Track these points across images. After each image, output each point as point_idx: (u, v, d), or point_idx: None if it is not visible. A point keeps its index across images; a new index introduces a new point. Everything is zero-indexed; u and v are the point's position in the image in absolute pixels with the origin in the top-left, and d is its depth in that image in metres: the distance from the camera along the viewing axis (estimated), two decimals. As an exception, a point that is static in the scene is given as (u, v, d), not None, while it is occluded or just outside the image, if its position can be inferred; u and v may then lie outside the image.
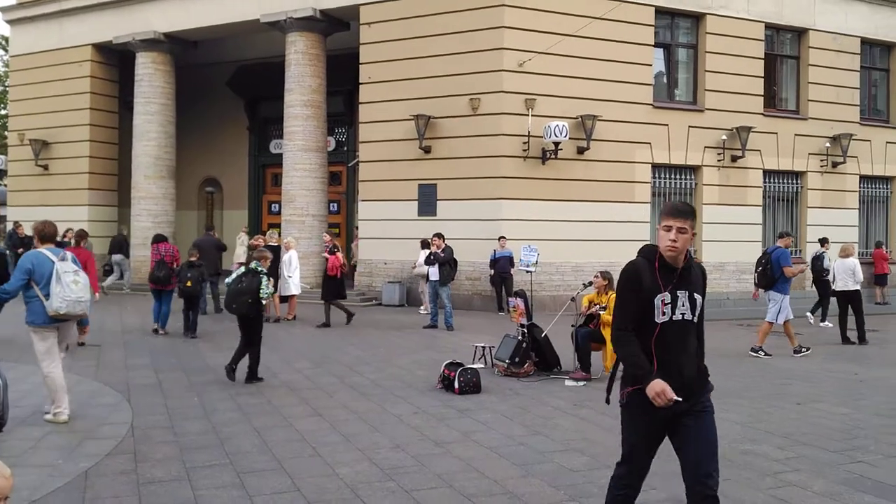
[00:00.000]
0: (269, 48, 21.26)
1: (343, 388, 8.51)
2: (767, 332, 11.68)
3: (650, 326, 3.54)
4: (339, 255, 13.92)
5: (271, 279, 9.57)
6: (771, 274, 11.53)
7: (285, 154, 19.36)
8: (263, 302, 8.78)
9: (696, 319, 3.64)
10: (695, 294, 3.62)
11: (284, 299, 14.64)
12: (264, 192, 24.72)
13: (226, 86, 23.96)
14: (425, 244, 16.01)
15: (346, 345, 11.67)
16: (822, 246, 15.95)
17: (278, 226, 19.83)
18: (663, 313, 3.53)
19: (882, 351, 11.60)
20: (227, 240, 19.70)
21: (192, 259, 12.57)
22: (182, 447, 6.04)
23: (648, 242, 3.95)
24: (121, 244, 19.73)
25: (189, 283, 12.13)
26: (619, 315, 3.60)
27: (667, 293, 3.55)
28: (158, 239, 13.04)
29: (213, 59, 23.25)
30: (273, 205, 23.68)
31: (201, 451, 5.96)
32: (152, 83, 21.27)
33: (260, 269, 8.84)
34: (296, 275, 14.70)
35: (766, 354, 11.35)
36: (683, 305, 3.58)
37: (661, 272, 3.58)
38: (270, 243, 14.52)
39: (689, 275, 3.65)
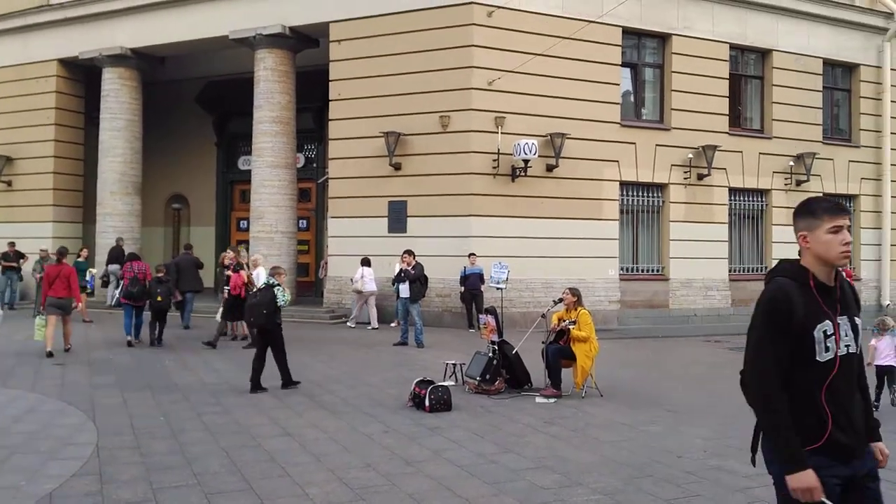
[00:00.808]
0: (238, 64, 21.18)
1: (313, 406, 8.45)
2: None
3: (809, 369, 2.78)
4: (244, 273, 13.38)
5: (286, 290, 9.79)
6: None
7: (254, 170, 19.26)
8: (281, 305, 9.43)
9: (859, 351, 2.95)
10: (855, 319, 2.92)
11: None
12: (232, 209, 24.53)
13: (194, 102, 23.79)
14: (366, 262, 16.54)
15: (314, 363, 11.59)
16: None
17: (246, 243, 19.67)
18: (826, 349, 2.79)
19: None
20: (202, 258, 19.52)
21: (160, 275, 13.45)
22: (149, 468, 5.95)
23: (616, 257, 3.86)
24: (118, 254, 19.43)
25: (160, 298, 13.09)
26: (761, 362, 2.83)
27: (828, 321, 2.81)
28: (131, 257, 14.06)
29: (181, 75, 23.08)
30: (241, 221, 23.49)
31: (168, 471, 5.87)
32: (119, 99, 21.06)
33: (274, 282, 9.51)
34: None
35: None
36: (847, 335, 2.85)
37: (819, 294, 2.85)
38: (237, 260, 14.38)
39: (843, 295, 2.94)
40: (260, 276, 14.43)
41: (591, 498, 5.38)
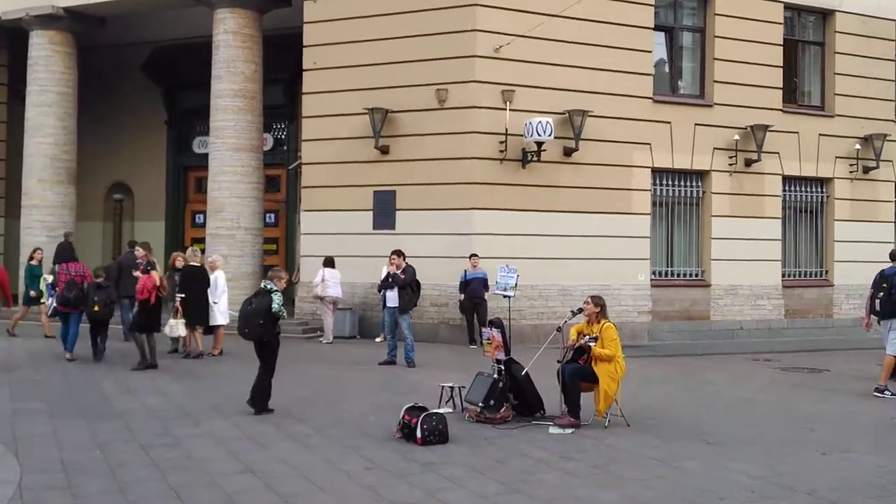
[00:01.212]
0: (193, 27, 21.15)
1: (280, 437, 8.43)
2: (891, 367, 11.83)
3: None
4: (155, 274, 13.26)
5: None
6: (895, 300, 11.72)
7: (212, 154, 19.25)
8: (280, 318, 9.65)
9: None
10: None
11: (210, 331, 14.50)
12: (186, 201, 24.51)
13: (139, 71, 23.77)
14: (329, 262, 16.78)
15: (284, 386, 11.53)
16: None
17: (202, 241, 19.66)
18: None
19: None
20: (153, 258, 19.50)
21: (99, 280, 13.47)
22: (81, 512, 5.93)
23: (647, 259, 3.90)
24: (69, 254, 19.34)
25: (97, 308, 13.10)
26: None
27: None
28: (67, 258, 14.14)
29: (125, 40, 23.02)
30: (197, 216, 23.47)
31: (105, 516, 5.85)
32: (49, 68, 21.05)
33: (272, 287, 9.64)
34: (223, 300, 14.59)
35: (892, 394, 11.57)
36: None
37: None
38: (192, 263, 14.39)
39: None
40: (218, 282, 14.47)
41: (615, 547, 5.37)
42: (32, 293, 16.46)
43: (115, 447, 7.86)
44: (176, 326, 13.90)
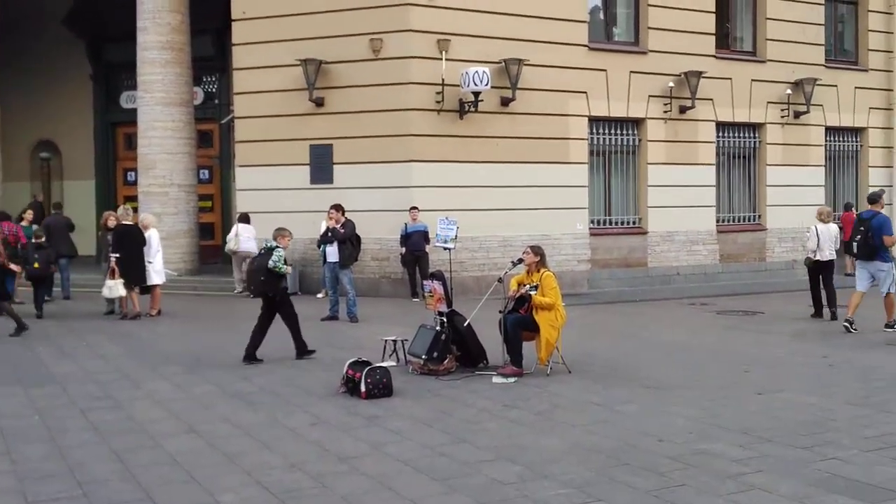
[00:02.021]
0: (116, -24, 20.49)
1: (223, 397, 8.41)
2: (858, 302, 12.30)
3: None
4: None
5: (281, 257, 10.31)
6: (873, 242, 12.13)
7: (140, 109, 18.82)
8: (284, 272, 10.19)
9: None
10: None
11: (146, 291, 14.30)
12: (117, 158, 23.98)
13: (60, 23, 22.99)
14: (243, 218, 17.13)
15: (226, 343, 11.50)
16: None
17: (135, 199, 19.30)
18: None
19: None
20: (80, 219, 19.22)
21: (39, 241, 14.39)
22: (21, 477, 5.86)
23: (585, 208, 3.92)
24: (41, 215, 18.90)
25: (37, 265, 13.97)
26: None
27: None
28: (0, 217, 15.02)
29: (44, -10, 22.28)
30: (129, 173, 22.99)
31: (47, 481, 5.79)
32: (-36, 20, 20.24)
33: (272, 245, 10.25)
34: (157, 260, 14.36)
35: (856, 329, 12.14)
36: None
37: None
38: (125, 222, 14.13)
39: None
40: (152, 241, 14.21)
41: (559, 492, 5.51)
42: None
43: (53, 412, 7.76)
44: (115, 287, 13.71)
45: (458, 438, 6.82)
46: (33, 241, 14.53)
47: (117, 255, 13.66)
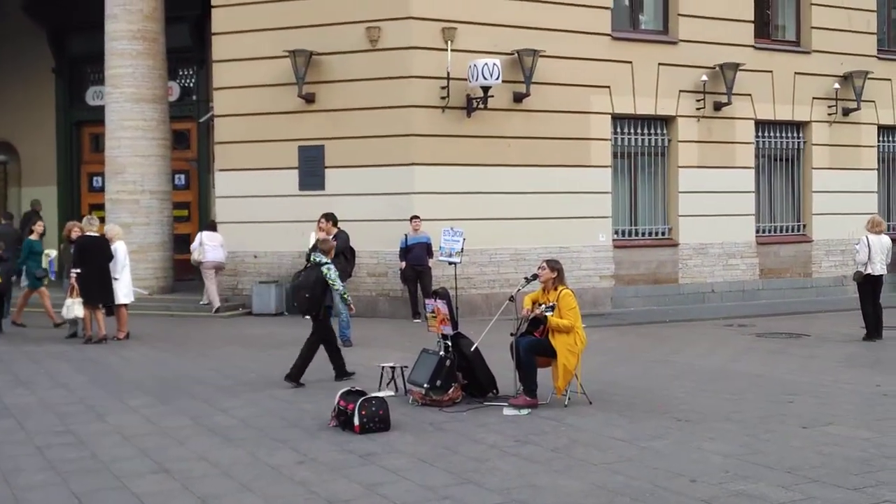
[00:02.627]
0: (82, -43, 20.60)
1: (199, 431, 8.36)
2: None
3: None
4: None
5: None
6: None
7: (109, 107, 18.86)
8: (338, 290, 10.77)
9: None
10: None
11: (111, 311, 14.26)
12: (81, 161, 24.04)
13: (21, 11, 23.11)
14: (209, 226, 17.64)
15: (202, 370, 11.46)
16: None
17: (102, 207, 19.32)
18: None
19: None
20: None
21: None
22: (-31, 525, 5.84)
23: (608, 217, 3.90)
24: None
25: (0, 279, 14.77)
26: None
27: None
28: None
29: (2, -26, 22.39)
30: (95, 178, 23.07)
31: (-2, 528, 5.77)
32: (-88, 8, 20.34)
33: (321, 260, 10.67)
34: (124, 276, 14.26)
35: None
36: None
37: None
38: (89, 233, 14.07)
39: None
40: (118, 255, 14.15)
41: (578, 541, 5.45)
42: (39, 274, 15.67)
43: (6, 449, 7.72)
44: (72, 306, 13.67)
45: (463, 479, 6.76)
46: None
47: (78, 271, 13.59)
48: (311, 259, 10.88)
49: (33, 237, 15.98)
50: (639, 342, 14.48)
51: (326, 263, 10.68)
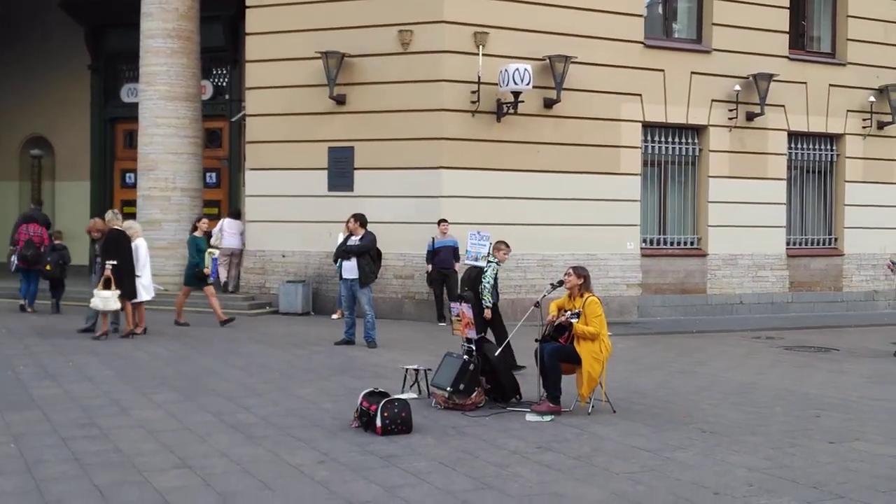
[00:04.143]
0: (120, -44, 20.76)
1: (222, 428, 8.37)
2: None
3: None
4: None
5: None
6: None
7: (142, 104, 18.98)
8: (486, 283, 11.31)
9: None
10: None
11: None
12: (115, 158, 24.24)
13: (58, 8, 23.33)
14: (234, 213, 19.05)
15: (226, 368, 11.49)
16: None
17: (133, 203, 19.46)
18: None
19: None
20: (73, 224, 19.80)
21: (56, 242, 16.80)
22: (-9, 514, 5.86)
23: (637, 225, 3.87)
24: (33, 214, 19.36)
25: (49, 267, 16.29)
26: None
27: None
28: (28, 220, 17.06)
29: (41, -29, 22.62)
30: (128, 174, 23.24)
31: (19, 519, 5.78)
32: (-48, 2, 20.58)
33: (490, 259, 11.54)
34: (145, 274, 14.14)
35: None
36: None
37: None
38: (114, 226, 13.92)
39: None
40: (140, 253, 14.05)
41: (598, 550, 5.40)
42: (204, 270, 15.63)
43: (31, 440, 7.75)
44: (110, 299, 13.35)
45: (484, 484, 6.72)
46: (52, 241, 16.80)
47: (114, 263, 13.44)
48: (483, 255, 11.93)
49: (198, 234, 15.72)
50: (665, 352, 14.38)
51: (492, 262, 11.51)
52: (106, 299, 13.43)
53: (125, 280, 13.67)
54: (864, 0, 20.10)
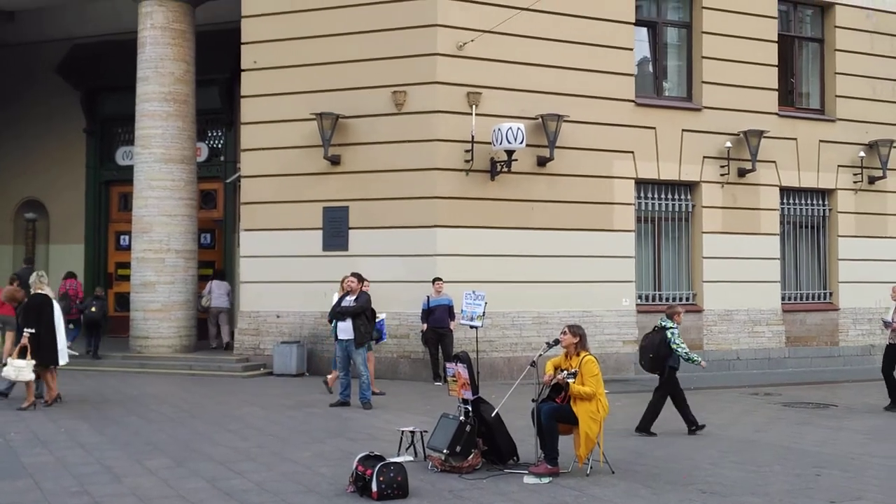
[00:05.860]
0: (116, 21, 21.02)
1: (215, 495, 8.27)
2: None
3: None
4: None
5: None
6: None
7: (137, 166, 19.05)
8: (681, 353, 11.72)
9: None
10: None
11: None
12: (109, 220, 24.23)
13: (55, 72, 23.51)
14: (219, 275, 20.23)
15: (219, 432, 11.37)
16: None
17: (128, 265, 19.46)
18: None
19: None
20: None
21: (98, 294, 19.20)
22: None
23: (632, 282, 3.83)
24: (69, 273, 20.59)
25: (94, 309, 18.18)
26: None
27: None
28: (69, 276, 19.70)
29: (37, 36, 22.88)
30: (122, 237, 23.22)
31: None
32: (-51, 68, 20.74)
33: (668, 325, 11.70)
34: (60, 335, 13.35)
35: None
36: None
37: None
38: (38, 290, 13.27)
39: None
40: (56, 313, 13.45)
41: None
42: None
43: (19, 510, 7.65)
44: (25, 369, 12.64)
45: (482, 550, 6.62)
46: (94, 294, 19.24)
47: (32, 331, 12.75)
48: (659, 323, 11.90)
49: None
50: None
51: (672, 328, 11.65)
52: (20, 369, 12.70)
53: (47, 347, 12.98)
54: (851, 57, 20.34)
